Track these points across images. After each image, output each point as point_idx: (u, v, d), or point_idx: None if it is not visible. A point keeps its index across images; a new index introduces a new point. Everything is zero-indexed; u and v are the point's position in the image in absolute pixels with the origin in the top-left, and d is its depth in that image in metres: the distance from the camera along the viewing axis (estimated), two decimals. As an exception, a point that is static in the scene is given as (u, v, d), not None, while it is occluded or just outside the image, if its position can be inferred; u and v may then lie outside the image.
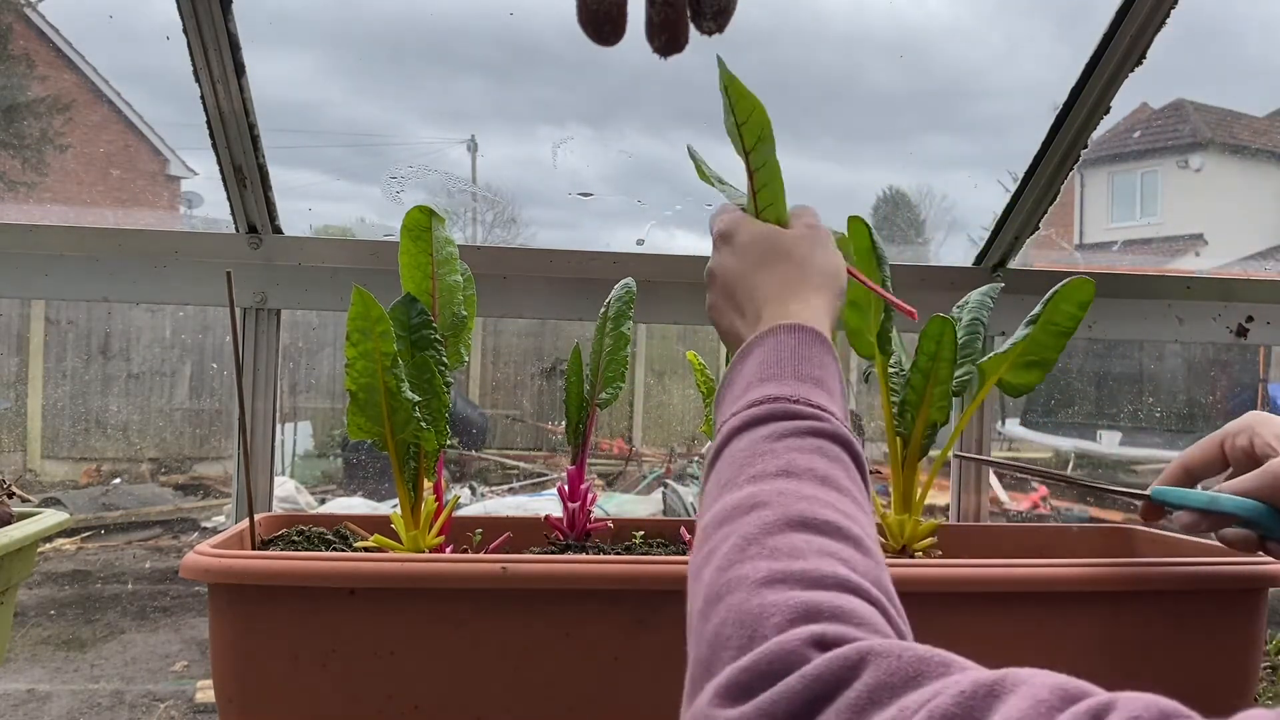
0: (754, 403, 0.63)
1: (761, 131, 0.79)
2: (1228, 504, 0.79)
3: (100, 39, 7.33)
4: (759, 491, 0.57)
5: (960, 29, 7.56)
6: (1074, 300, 0.97)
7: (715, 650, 0.49)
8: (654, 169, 8.04)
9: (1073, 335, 0.98)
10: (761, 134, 0.79)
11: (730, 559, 0.53)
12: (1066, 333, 0.97)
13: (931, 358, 0.95)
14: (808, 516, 0.54)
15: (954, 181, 7.61)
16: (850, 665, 0.43)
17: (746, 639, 0.48)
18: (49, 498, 5.39)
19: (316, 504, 5.61)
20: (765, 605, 0.49)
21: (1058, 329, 0.98)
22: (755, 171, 0.81)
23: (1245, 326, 1.44)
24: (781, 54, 4.49)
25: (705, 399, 1.02)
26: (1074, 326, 0.97)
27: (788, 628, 0.47)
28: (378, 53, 6.13)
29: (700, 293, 1.35)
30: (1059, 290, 0.97)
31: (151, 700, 3.70)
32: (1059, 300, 0.97)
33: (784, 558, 0.51)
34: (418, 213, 0.96)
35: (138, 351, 6.36)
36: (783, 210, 0.82)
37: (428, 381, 0.88)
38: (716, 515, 0.57)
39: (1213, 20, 7.13)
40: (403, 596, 0.79)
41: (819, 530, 0.54)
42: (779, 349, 0.67)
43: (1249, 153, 11.44)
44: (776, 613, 0.48)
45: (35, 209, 4.01)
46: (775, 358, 0.66)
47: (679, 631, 0.82)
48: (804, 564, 0.51)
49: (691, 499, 5.56)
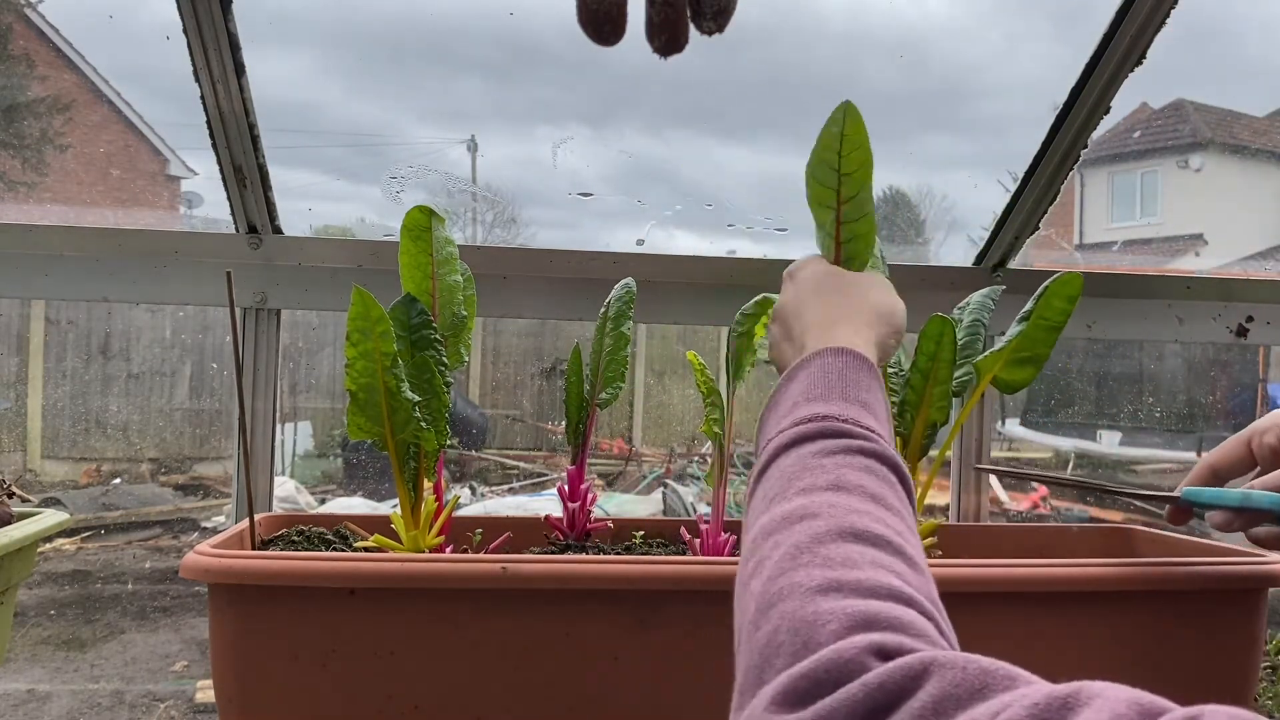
0: (802, 420, 0.63)
1: (864, 184, 0.80)
2: (1262, 500, 0.79)
3: (100, 39, 7.32)
4: (810, 503, 0.56)
5: (958, 28, 7.55)
6: (1063, 295, 0.97)
7: (767, 658, 0.48)
8: (653, 169, 8.01)
9: (1063, 330, 0.98)
10: (864, 186, 0.80)
11: (782, 567, 0.52)
12: (1057, 328, 0.98)
13: (931, 358, 0.95)
14: (860, 529, 0.54)
15: (954, 181, 7.60)
16: (913, 675, 0.42)
17: (801, 645, 0.47)
18: (49, 498, 5.39)
19: (316, 504, 5.61)
20: (820, 613, 0.48)
21: (1048, 324, 0.98)
22: (845, 224, 0.82)
23: (1245, 326, 1.44)
24: (780, 53, 4.49)
25: (705, 399, 1.02)
26: (1064, 321, 0.98)
27: (845, 635, 0.46)
28: (377, 53, 6.12)
29: (701, 293, 1.36)
30: (1048, 286, 0.98)
31: (151, 700, 3.70)
32: (1049, 296, 0.97)
33: (838, 566, 0.51)
34: (418, 213, 0.96)
35: (138, 351, 6.36)
36: (866, 262, 0.83)
37: (428, 381, 0.88)
38: (765, 526, 0.57)
39: (1213, 20, 7.12)
40: (403, 596, 0.79)
41: (871, 543, 0.53)
42: (826, 371, 0.67)
43: (1249, 153, 11.44)
44: (833, 620, 0.47)
45: (35, 209, 4.01)
46: (823, 379, 0.67)
47: (679, 631, 0.82)
48: (858, 573, 0.50)
49: (691, 499, 5.56)
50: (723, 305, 1.30)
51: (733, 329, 1.01)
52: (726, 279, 1.33)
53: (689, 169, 8.92)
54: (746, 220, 1.61)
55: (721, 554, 0.96)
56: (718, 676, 0.82)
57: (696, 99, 5.19)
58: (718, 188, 7.71)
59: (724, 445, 1.00)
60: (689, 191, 5.69)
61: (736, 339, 1.01)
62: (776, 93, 4.99)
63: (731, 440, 1.01)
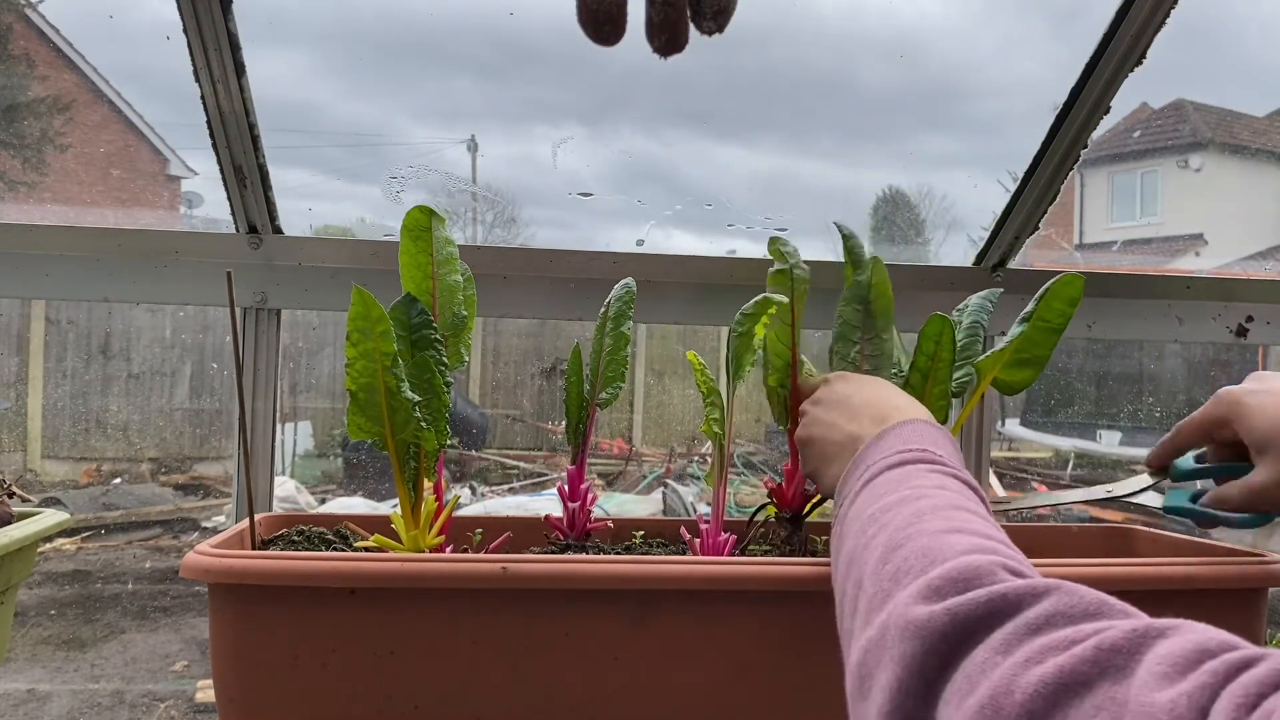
0: (900, 451, 0.72)
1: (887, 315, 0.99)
2: (1237, 521, 0.85)
3: (100, 39, 7.33)
4: (922, 492, 0.65)
5: (956, 28, 7.55)
6: (1064, 297, 0.97)
7: (897, 578, 0.54)
8: (652, 169, 8.00)
9: (1064, 332, 0.98)
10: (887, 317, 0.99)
11: (908, 522, 0.60)
12: (1058, 330, 0.98)
13: (930, 358, 0.95)
14: (966, 507, 0.62)
15: (954, 181, 7.59)
16: (1036, 592, 0.47)
17: (930, 563, 0.53)
18: (49, 498, 5.39)
19: (316, 504, 5.61)
20: (948, 544, 0.55)
21: (1049, 326, 0.98)
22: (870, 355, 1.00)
23: (1245, 326, 1.44)
24: (777, 53, 4.49)
25: (705, 399, 1.02)
26: (1064, 323, 0.98)
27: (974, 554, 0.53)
28: (375, 53, 6.12)
29: (700, 293, 1.36)
30: (1049, 288, 0.97)
31: (151, 700, 3.70)
32: (1049, 298, 0.97)
33: (958, 521, 0.59)
34: (418, 213, 0.96)
35: (138, 351, 6.36)
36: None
37: (428, 381, 0.88)
38: (879, 509, 0.65)
39: (1213, 20, 7.12)
40: (403, 596, 0.79)
41: (981, 518, 0.61)
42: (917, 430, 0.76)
43: (1249, 153, 11.45)
44: (960, 546, 0.54)
45: (35, 209, 4.01)
46: (915, 434, 0.76)
47: (679, 631, 0.82)
48: (975, 525, 0.59)
49: (691, 499, 5.56)
50: (723, 305, 1.30)
51: (733, 329, 1.01)
52: (726, 279, 1.33)
53: (687, 169, 8.92)
54: (746, 220, 1.61)
55: (721, 554, 0.96)
56: (718, 676, 0.82)
57: (694, 99, 5.19)
58: (718, 188, 7.70)
59: (724, 445, 1.00)
60: (688, 191, 5.69)
61: (736, 339, 1.01)
62: (774, 92, 4.99)
63: (731, 440, 1.01)
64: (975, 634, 0.47)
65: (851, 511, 0.70)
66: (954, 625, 0.48)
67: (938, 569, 0.52)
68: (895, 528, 0.60)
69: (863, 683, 0.53)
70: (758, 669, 0.82)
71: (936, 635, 0.48)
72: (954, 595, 0.49)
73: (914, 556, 0.55)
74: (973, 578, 0.50)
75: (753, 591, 0.81)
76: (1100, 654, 0.41)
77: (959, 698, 0.45)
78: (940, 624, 0.48)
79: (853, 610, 0.59)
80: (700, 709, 0.81)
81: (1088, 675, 0.40)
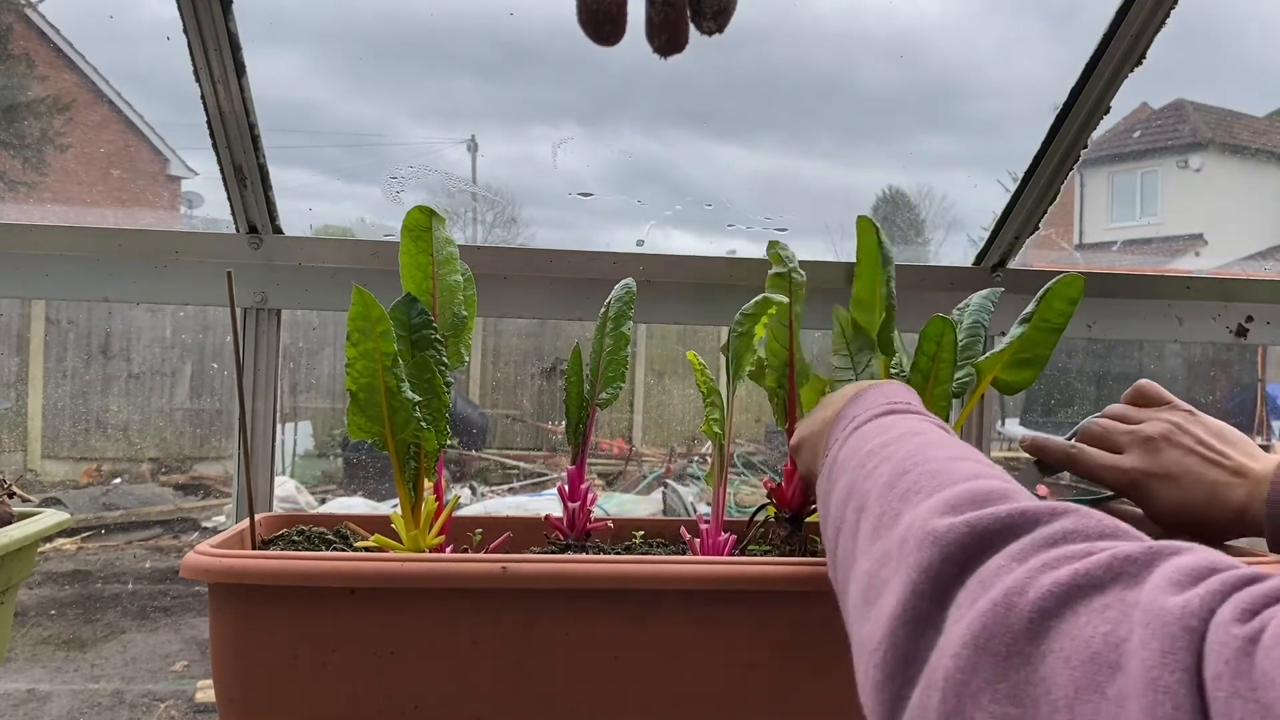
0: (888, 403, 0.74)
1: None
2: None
3: (100, 39, 7.33)
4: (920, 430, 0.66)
5: (954, 27, 7.55)
6: (1064, 297, 0.97)
7: (907, 498, 0.55)
8: (651, 169, 8.01)
9: (1064, 332, 0.98)
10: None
11: (912, 453, 0.61)
12: (1058, 329, 0.98)
13: (931, 358, 0.95)
14: (969, 449, 0.63)
15: (953, 181, 7.60)
16: (1054, 512, 0.48)
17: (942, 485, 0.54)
18: (49, 498, 5.39)
19: (317, 504, 5.61)
20: (959, 469, 0.56)
21: (1049, 326, 0.98)
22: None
23: (1245, 326, 1.44)
24: (778, 53, 4.49)
25: (705, 399, 1.02)
26: (1065, 323, 0.98)
27: (986, 479, 0.54)
28: (374, 53, 6.13)
29: (700, 293, 1.36)
30: (1050, 288, 0.98)
31: (151, 700, 3.71)
32: (1050, 298, 0.97)
33: (964, 454, 0.60)
34: (418, 213, 0.96)
35: (138, 351, 6.36)
36: None
37: (428, 381, 0.88)
38: (879, 444, 0.65)
39: (1213, 20, 7.12)
40: (403, 596, 0.79)
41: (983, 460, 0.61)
42: (898, 389, 0.77)
43: (1249, 153, 11.45)
44: (971, 471, 0.56)
45: (35, 209, 4.01)
46: (896, 391, 0.77)
47: (679, 631, 0.82)
48: (983, 459, 0.60)
49: (691, 499, 5.56)
50: (723, 305, 1.30)
51: (733, 329, 1.01)
52: (726, 279, 1.33)
53: (687, 169, 8.91)
54: (746, 220, 1.61)
55: (721, 554, 0.96)
56: (718, 676, 0.82)
57: (694, 99, 5.18)
58: (717, 188, 7.70)
59: (724, 445, 1.00)
60: (687, 191, 5.69)
61: (736, 339, 1.01)
62: (774, 92, 4.99)
63: (731, 440, 1.01)
64: (993, 544, 0.48)
65: (842, 454, 0.70)
66: (972, 536, 0.49)
67: (952, 489, 0.53)
68: (900, 458, 0.61)
69: (867, 593, 0.54)
70: (758, 669, 0.82)
71: (955, 544, 0.49)
72: (971, 511, 0.50)
73: (924, 479, 0.56)
74: (989, 498, 0.51)
75: (753, 591, 0.81)
76: (1115, 561, 0.42)
77: (970, 599, 0.46)
78: (959, 534, 0.49)
79: (853, 534, 0.60)
80: (700, 709, 0.81)
81: (1101, 579, 0.42)
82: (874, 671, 0.50)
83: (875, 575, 0.54)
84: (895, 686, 0.48)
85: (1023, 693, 0.41)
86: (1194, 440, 0.92)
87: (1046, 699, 0.39)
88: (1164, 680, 0.35)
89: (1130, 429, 0.95)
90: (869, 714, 0.51)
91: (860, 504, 0.61)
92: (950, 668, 0.44)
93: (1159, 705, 0.35)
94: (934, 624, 0.47)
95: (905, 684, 0.47)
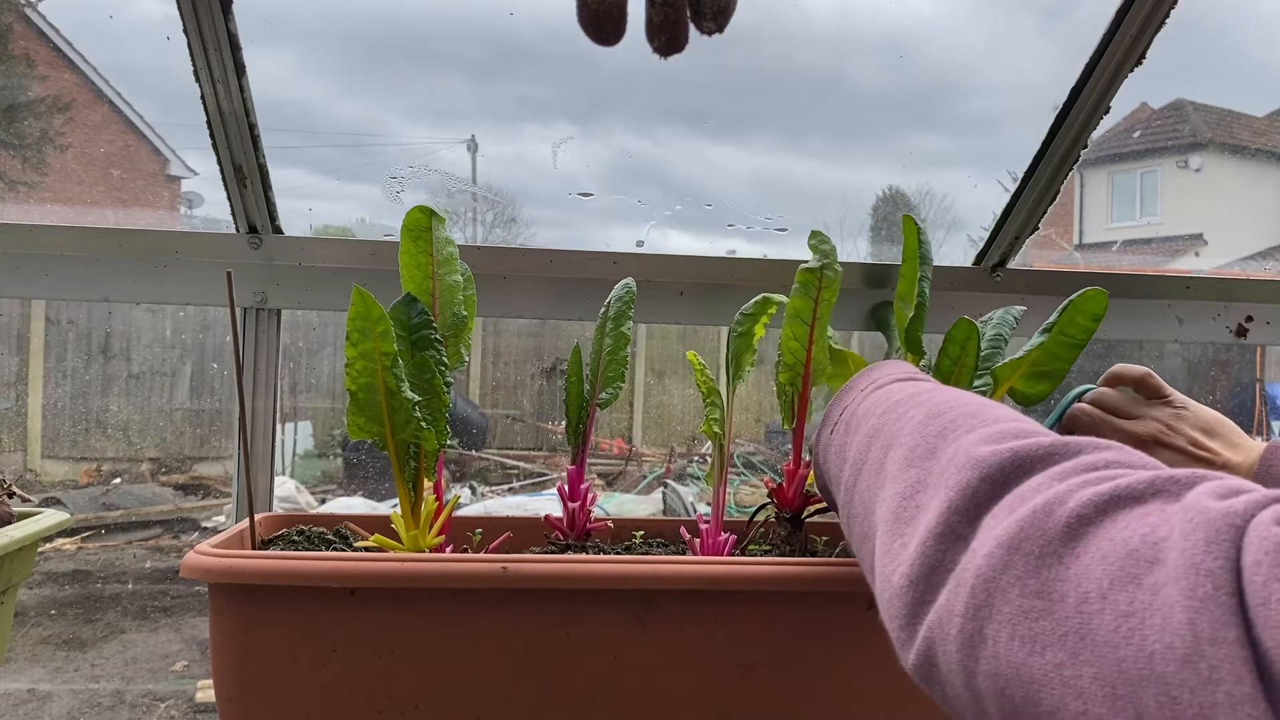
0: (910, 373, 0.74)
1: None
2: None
3: (100, 39, 7.32)
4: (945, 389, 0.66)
5: (950, 26, 7.55)
6: (1088, 313, 0.96)
7: (945, 434, 0.56)
8: (651, 169, 7.99)
9: (1084, 347, 0.97)
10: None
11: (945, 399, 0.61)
12: (1079, 345, 0.96)
13: (955, 361, 0.94)
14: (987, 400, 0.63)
15: (953, 181, 7.61)
16: (1095, 446, 0.49)
17: (982, 422, 0.55)
18: (49, 498, 5.39)
19: (316, 504, 5.61)
20: (997, 412, 0.57)
21: (1071, 341, 0.97)
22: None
23: (1245, 326, 1.44)
24: (776, 52, 4.49)
25: (705, 399, 1.02)
26: (1087, 339, 0.96)
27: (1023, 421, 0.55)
28: (369, 52, 6.13)
29: (700, 293, 1.36)
30: (1073, 301, 0.96)
31: (151, 700, 3.71)
32: (1073, 312, 0.96)
33: (996, 406, 0.60)
34: (418, 213, 0.96)
35: (138, 351, 6.36)
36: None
37: (428, 381, 0.88)
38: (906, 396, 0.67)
39: (1213, 20, 7.12)
40: (403, 596, 0.79)
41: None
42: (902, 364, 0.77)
43: (1249, 153, 11.45)
44: (1008, 414, 0.56)
45: (35, 209, 4.01)
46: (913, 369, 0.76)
47: (679, 631, 0.82)
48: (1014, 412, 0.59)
49: (691, 499, 5.56)
50: (723, 305, 1.30)
51: (733, 329, 1.01)
52: (726, 279, 1.33)
53: (686, 169, 8.91)
54: (746, 220, 1.61)
55: (721, 554, 0.96)
56: (718, 676, 0.82)
57: (693, 99, 5.18)
58: (717, 188, 7.70)
59: (724, 445, 1.00)
60: (687, 191, 5.69)
61: (736, 339, 1.01)
62: (767, 91, 4.99)
63: (731, 440, 1.01)
64: (1034, 467, 0.49)
65: (863, 408, 0.70)
66: (1015, 459, 0.49)
67: (995, 425, 0.54)
68: (934, 403, 0.61)
69: (900, 514, 0.54)
70: (758, 669, 0.82)
71: (995, 467, 0.49)
72: (1014, 441, 0.51)
73: (963, 418, 0.57)
74: (1032, 433, 0.52)
75: (753, 591, 0.81)
76: (1158, 480, 0.43)
77: (1007, 511, 0.46)
78: (1001, 458, 0.50)
79: (878, 468, 0.60)
80: (700, 709, 0.81)
81: (1142, 493, 0.43)
82: (899, 579, 0.51)
83: (909, 499, 0.54)
84: (920, 591, 0.49)
85: (1051, 588, 0.41)
86: (1185, 440, 0.92)
87: (1076, 591, 0.40)
88: (1206, 564, 0.36)
89: (1121, 426, 0.95)
90: (888, 620, 0.52)
91: (888, 442, 0.61)
92: (982, 565, 0.45)
93: (1199, 585, 0.36)
94: (965, 537, 0.48)
95: (930, 589, 0.49)
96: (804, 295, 0.94)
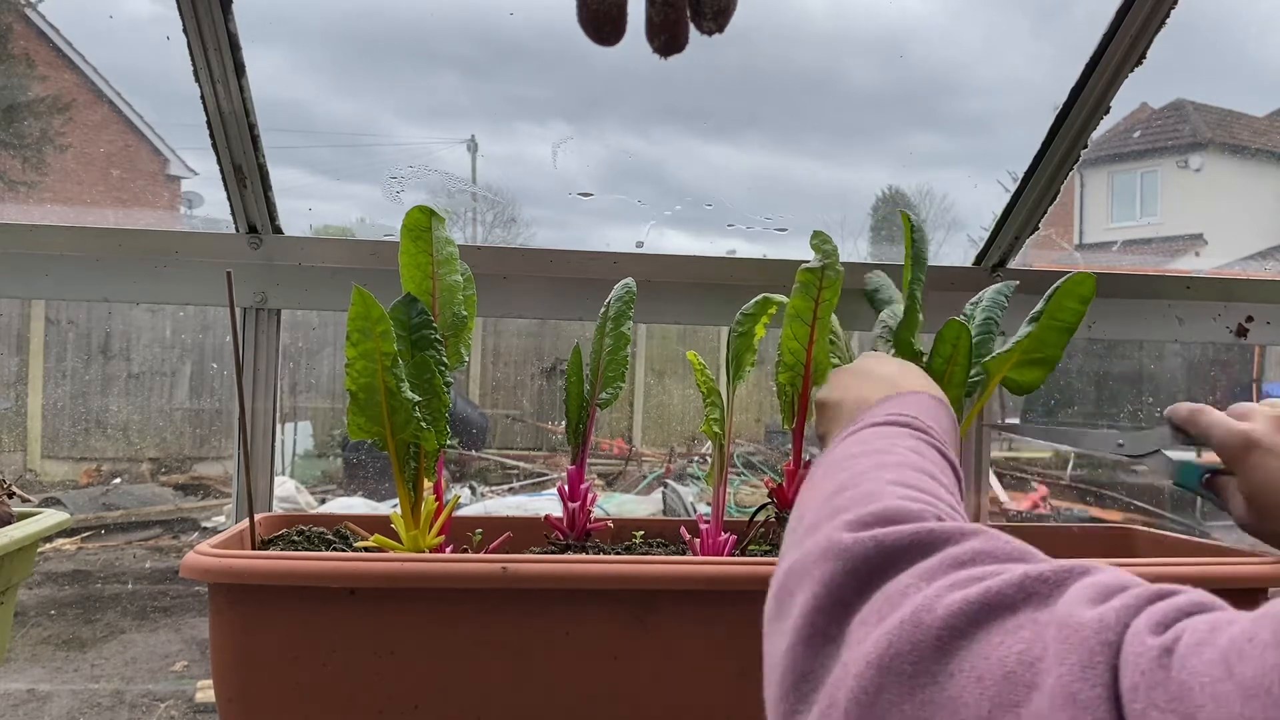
0: (891, 415, 0.73)
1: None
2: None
3: (100, 39, 7.33)
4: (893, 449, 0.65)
5: (947, 26, 7.55)
6: (1075, 295, 0.97)
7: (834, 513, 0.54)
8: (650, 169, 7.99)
9: (1075, 331, 0.97)
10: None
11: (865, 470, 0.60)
12: (1069, 329, 0.97)
13: (947, 360, 0.95)
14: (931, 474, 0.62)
15: (953, 181, 7.60)
16: (963, 533, 0.48)
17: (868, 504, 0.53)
18: (49, 498, 5.39)
19: (316, 504, 5.61)
20: (892, 491, 0.55)
21: (1060, 325, 0.97)
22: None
23: (1245, 326, 1.44)
24: (767, 50, 4.48)
25: (705, 399, 1.02)
26: (1076, 322, 0.97)
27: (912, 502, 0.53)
28: (367, 52, 6.13)
29: (700, 292, 1.36)
30: (1061, 286, 0.97)
31: (151, 700, 3.70)
32: (1061, 296, 0.97)
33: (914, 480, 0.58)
34: (418, 213, 0.96)
35: (138, 351, 6.36)
36: None
37: (428, 381, 0.88)
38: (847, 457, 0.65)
39: (1213, 20, 7.12)
40: (403, 596, 0.79)
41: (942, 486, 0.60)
42: (918, 401, 0.76)
43: (1249, 153, 11.45)
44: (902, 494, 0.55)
45: (35, 209, 4.01)
46: (913, 404, 0.75)
47: (679, 631, 0.82)
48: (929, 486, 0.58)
49: (691, 499, 5.56)
50: (723, 305, 1.30)
51: (733, 329, 1.01)
52: (726, 279, 1.33)
53: (685, 169, 8.91)
54: (746, 220, 1.61)
55: (721, 554, 0.96)
56: (718, 676, 0.82)
57: (691, 98, 5.18)
58: (715, 188, 7.69)
59: (724, 445, 1.00)
60: (686, 192, 5.70)
61: (736, 339, 1.01)
62: (765, 90, 4.99)
63: (731, 440, 1.01)
64: (898, 562, 0.47)
65: (825, 460, 0.70)
66: (878, 551, 0.48)
67: (869, 507, 0.52)
68: (852, 473, 0.60)
69: (781, 604, 0.53)
70: (758, 669, 0.81)
71: (859, 558, 0.48)
72: (880, 527, 0.49)
73: (857, 497, 0.55)
74: (902, 518, 0.50)
75: (753, 591, 0.81)
76: (1027, 581, 0.42)
77: (877, 617, 0.45)
78: (864, 549, 0.48)
79: (788, 541, 0.60)
80: (700, 709, 0.81)
81: (1013, 599, 0.41)
82: (773, 688, 0.49)
83: (785, 586, 0.53)
84: (792, 702, 0.47)
85: (929, 714, 0.40)
86: None
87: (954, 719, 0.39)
88: (1083, 695, 0.35)
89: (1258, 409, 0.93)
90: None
91: (801, 513, 0.60)
92: (854, 688, 0.43)
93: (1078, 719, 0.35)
94: (834, 639, 0.47)
95: (801, 699, 0.47)
96: (805, 295, 0.95)
